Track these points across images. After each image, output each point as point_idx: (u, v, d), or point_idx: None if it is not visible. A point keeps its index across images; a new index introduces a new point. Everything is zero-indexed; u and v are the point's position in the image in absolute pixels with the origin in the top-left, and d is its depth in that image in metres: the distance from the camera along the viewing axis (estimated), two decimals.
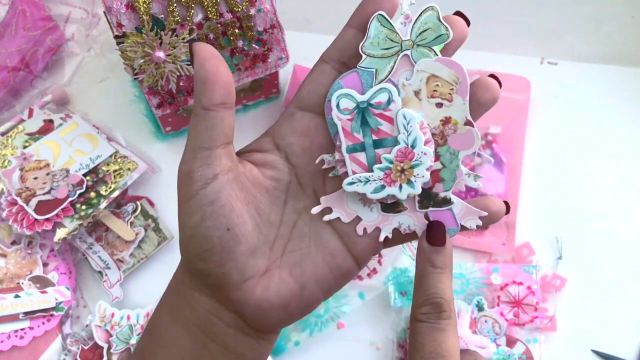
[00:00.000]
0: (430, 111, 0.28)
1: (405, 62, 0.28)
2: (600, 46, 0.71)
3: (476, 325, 0.54)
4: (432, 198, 0.30)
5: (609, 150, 0.66)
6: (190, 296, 0.30)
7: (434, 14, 0.28)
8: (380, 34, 0.28)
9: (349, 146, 0.29)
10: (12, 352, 0.54)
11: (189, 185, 0.28)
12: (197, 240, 0.28)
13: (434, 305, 0.28)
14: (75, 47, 0.69)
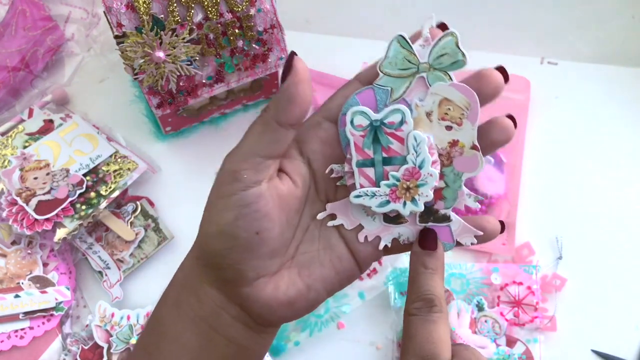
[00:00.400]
0: (440, 132, 0.30)
1: (421, 83, 0.29)
2: (600, 46, 0.71)
3: (476, 325, 0.54)
4: (433, 214, 0.31)
5: (609, 150, 0.66)
6: (200, 289, 0.31)
7: (453, 40, 0.29)
8: (399, 54, 0.29)
9: (359, 161, 0.30)
10: (12, 352, 0.54)
11: (231, 184, 0.28)
12: (225, 236, 0.29)
13: (426, 301, 0.29)
14: (75, 47, 0.69)
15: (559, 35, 0.72)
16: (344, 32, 0.71)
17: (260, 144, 0.29)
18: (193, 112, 0.61)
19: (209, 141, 0.65)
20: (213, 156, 0.65)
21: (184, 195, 0.63)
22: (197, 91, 0.54)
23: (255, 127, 0.29)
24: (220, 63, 0.53)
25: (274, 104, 0.29)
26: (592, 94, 0.69)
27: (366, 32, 0.71)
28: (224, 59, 0.53)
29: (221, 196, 0.29)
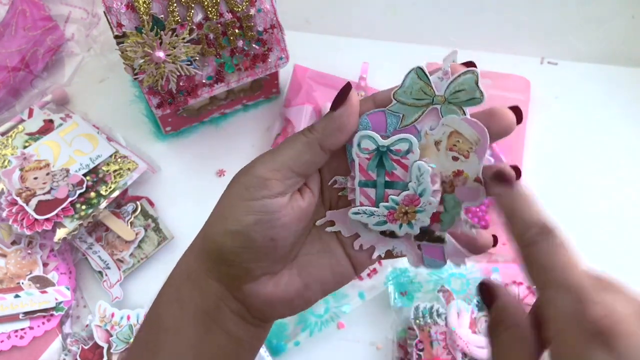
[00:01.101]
0: (446, 161, 0.30)
1: (433, 114, 0.30)
2: (600, 46, 0.71)
3: (476, 325, 0.54)
4: (429, 234, 0.32)
5: (609, 150, 0.66)
6: (203, 281, 0.31)
7: (473, 78, 0.29)
8: (415, 85, 0.29)
9: (362, 181, 0.31)
10: (12, 352, 0.54)
11: (258, 190, 0.29)
12: (241, 237, 0.29)
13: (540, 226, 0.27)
14: (75, 47, 0.69)
15: (559, 35, 0.72)
16: (344, 32, 0.71)
17: (298, 161, 0.30)
18: (193, 112, 0.61)
19: (209, 141, 0.65)
20: (213, 156, 0.65)
21: (184, 195, 0.63)
22: (197, 91, 0.54)
23: (297, 144, 0.30)
24: (220, 63, 0.53)
25: (322, 128, 0.30)
26: (592, 94, 0.69)
27: (366, 32, 0.71)
28: (224, 59, 0.53)
29: (246, 198, 0.29)
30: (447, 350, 0.53)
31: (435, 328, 0.53)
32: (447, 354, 0.53)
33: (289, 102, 0.65)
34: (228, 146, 0.65)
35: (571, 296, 0.23)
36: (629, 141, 0.67)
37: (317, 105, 0.65)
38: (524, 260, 0.27)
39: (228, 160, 0.65)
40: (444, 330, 0.53)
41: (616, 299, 0.22)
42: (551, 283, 0.25)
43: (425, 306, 0.55)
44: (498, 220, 0.64)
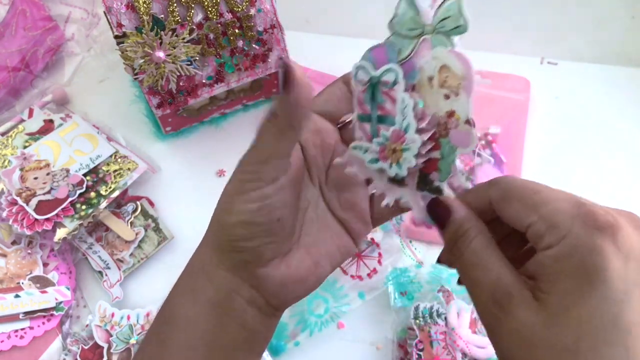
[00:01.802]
0: (439, 100, 0.28)
1: (427, 46, 0.28)
2: (600, 46, 0.71)
3: (476, 325, 0.54)
4: (428, 184, 0.30)
5: (609, 150, 0.66)
6: (215, 273, 0.32)
7: (456, 3, 0.27)
8: (407, 14, 0.28)
9: (360, 114, 0.31)
10: (12, 352, 0.54)
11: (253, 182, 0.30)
12: (247, 225, 0.30)
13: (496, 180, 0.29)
14: (76, 47, 0.69)
15: (559, 36, 0.72)
16: (344, 32, 0.71)
17: (278, 147, 0.30)
18: (193, 112, 0.61)
19: (209, 141, 0.65)
20: (213, 156, 0.65)
21: (184, 195, 0.63)
22: (197, 91, 0.54)
23: (270, 131, 0.30)
24: (220, 63, 0.53)
25: (282, 110, 0.29)
26: (592, 94, 0.69)
27: (366, 32, 0.71)
28: (224, 59, 0.53)
29: (243, 192, 0.30)
30: (447, 350, 0.53)
31: (435, 328, 0.53)
32: (447, 354, 0.53)
33: None
34: (228, 146, 0.65)
35: (572, 203, 0.25)
36: (629, 141, 0.67)
37: None
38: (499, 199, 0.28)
39: (228, 160, 0.65)
40: (444, 330, 0.53)
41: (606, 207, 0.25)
42: (546, 200, 0.26)
43: (425, 306, 0.55)
44: None
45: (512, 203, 0.27)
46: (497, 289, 0.26)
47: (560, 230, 0.25)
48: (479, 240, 0.28)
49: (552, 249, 0.25)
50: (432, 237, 0.61)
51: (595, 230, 0.24)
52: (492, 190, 0.28)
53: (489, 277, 0.27)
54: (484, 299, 0.27)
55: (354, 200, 0.35)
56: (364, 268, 0.58)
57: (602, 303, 0.23)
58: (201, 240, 0.34)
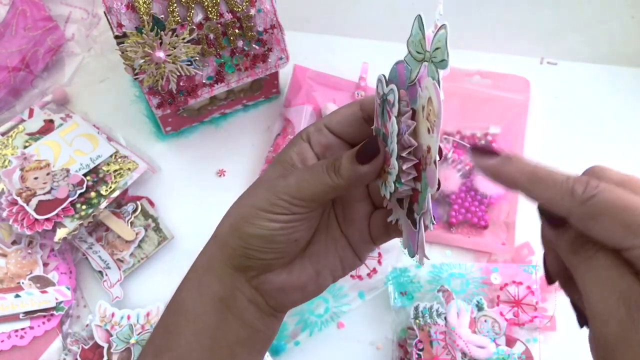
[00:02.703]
0: (424, 133, 0.27)
1: (426, 73, 0.27)
2: (600, 46, 0.71)
3: (476, 324, 0.54)
4: (410, 214, 0.30)
5: (609, 150, 0.66)
6: (221, 270, 0.33)
7: (444, 34, 0.24)
8: (417, 36, 0.27)
9: (375, 127, 0.31)
10: (12, 351, 0.54)
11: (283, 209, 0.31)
12: (267, 240, 0.31)
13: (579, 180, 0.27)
14: (76, 47, 0.69)
15: (558, 35, 0.72)
16: (344, 32, 0.71)
17: (322, 197, 0.31)
18: (193, 112, 0.61)
19: (209, 141, 0.65)
20: (213, 156, 0.65)
21: (184, 195, 0.63)
22: (197, 91, 0.54)
23: (322, 185, 0.31)
24: (221, 63, 0.53)
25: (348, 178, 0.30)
26: (591, 94, 0.69)
27: (366, 32, 0.71)
28: (224, 59, 0.53)
29: (271, 212, 0.31)
30: (447, 350, 0.53)
31: (435, 328, 0.53)
32: (446, 354, 0.53)
33: (289, 102, 0.65)
34: (228, 146, 0.65)
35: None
36: (629, 141, 0.67)
37: (317, 105, 0.65)
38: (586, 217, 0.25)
39: (228, 160, 0.65)
40: (444, 330, 0.53)
41: None
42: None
43: (425, 306, 0.55)
44: (497, 220, 0.64)
45: (603, 223, 0.24)
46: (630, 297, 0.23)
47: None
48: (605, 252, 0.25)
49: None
50: (432, 237, 0.61)
51: None
52: (574, 205, 0.25)
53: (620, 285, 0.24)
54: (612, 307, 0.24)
55: (353, 217, 0.35)
56: (363, 268, 0.58)
57: None
58: (211, 236, 0.35)
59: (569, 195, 0.25)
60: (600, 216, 0.24)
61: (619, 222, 0.24)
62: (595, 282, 0.25)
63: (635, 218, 0.23)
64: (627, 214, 0.24)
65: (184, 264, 0.64)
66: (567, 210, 0.25)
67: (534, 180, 0.27)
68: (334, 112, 0.35)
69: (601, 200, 0.24)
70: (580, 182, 0.26)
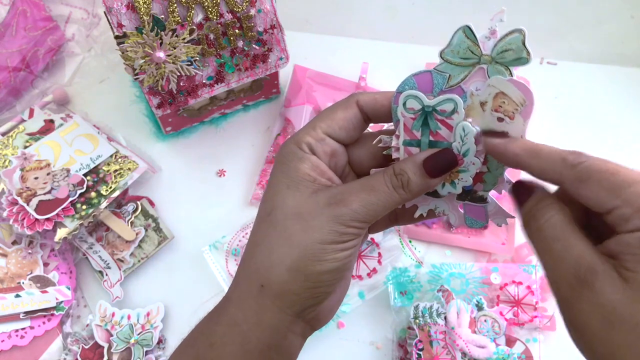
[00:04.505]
0: (491, 122, 0.31)
1: (480, 74, 0.30)
2: (599, 46, 0.71)
3: (476, 324, 0.54)
4: (471, 194, 0.33)
5: (609, 150, 0.66)
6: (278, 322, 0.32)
7: (520, 37, 0.29)
8: (462, 44, 0.30)
9: (406, 140, 0.32)
10: (12, 351, 0.54)
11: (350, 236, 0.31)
12: (339, 271, 0.31)
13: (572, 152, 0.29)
14: (76, 47, 0.69)
15: (558, 36, 0.72)
16: (344, 32, 0.71)
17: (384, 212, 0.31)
18: (193, 112, 0.61)
19: (209, 141, 0.65)
20: (213, 156, 0.65)
21: (184, 195, 0.63)
22: (198, 91, 0.54)
23: (395, 198, 0.31)
24: (221, 63, 0.53)
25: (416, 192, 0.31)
26: (591, 94, 0.69)
27: (366, 32, 0.71)
28: (224, 59, 0.53)
29: (339, 242, 0.31)
30: (447, 349, 0.53)
31: (434, 327, 0.53)
32: (446, 354, 0.53)
33: (289, 102, 0.65)
34: (228, 146, 0.65)
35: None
36: (629, 141, 0.67)
37: (317, 105, 0.65)
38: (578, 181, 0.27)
39: (228, 160, 0.65)
40: (444, 329, 0.53)
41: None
42: (626, 181, 0.26)
43: (425, 305, 0.55)
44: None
45: (590, 185, 0.27)
46: (580, 264, 0.26)
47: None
48: (560, 215, 0.28)
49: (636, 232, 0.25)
50: (432, 237, 0.61)
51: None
52: (565, 170, 0.28)
53: (572, 252, 0.26)
54: (564, 273, 0.27)
55: None
56: (364, 268, 0.58)
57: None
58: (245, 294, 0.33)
59: (562, 162, 0.28)
60: (588, 179, 0.27)
61: (604, 185, 0.26)
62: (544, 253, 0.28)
63: (618, 180, 0.26)
64: (611, 177, 0.26)
65: (184, 264, 0.64)
66: (559, 175, 0.28)
67: (533, 154, 0.30)
68: (328, 117, 0.34)
69: (589, 165, 0.27)
70: (573, 152, 0.28)
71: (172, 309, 0.58)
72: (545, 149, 0.29)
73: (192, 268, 0.60)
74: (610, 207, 0.26)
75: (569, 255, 0.27)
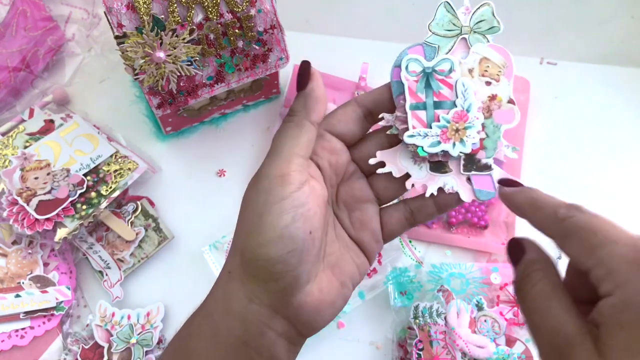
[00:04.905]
0: (480, 87, 0.34)
1: (463, 44, 0.34)
2: (600, 46, 0.71)
3: (476, 324, 0.54)
4: (475, 163, 0.34)
5: (609, 151, 0.66)
6: (246, 310, 0.30)
7: (490, 9, 0.35)
8: (445, 17, 0.34)
9: (412, 104, 0.33)
10: (12, 351, 0.54)
11: (283, 187, 0.29)
12: (284, 240, 0.29)
13: (567, 205, 0.28)
14: (76, 47, 0.69)
15: (558, 35, 0.72)
16: (344, 32, 0.71)
17: (299, 145, 0.31)
18: (193, 112, 0.61)
19: (209, 141, 0.65)
20: (213, 156, 0.65)
21: (184, 195, 0.63)
22: (198, 91, 0.54)
23: (289, 131, 0.31)
24: (221, 63, 0.53)
25: (301, 106, 0.32)
26: (591, 94, 0.69)
27: (366, 32, 0.71)
28: (224, 59, 0.53)
29: (276, 201, 0.29)
30: (447, 349, 0.53)
31: (434, 327, 0.53)
32: (446, 354, 0.53)
33: (289, 102, 0.65)
34: (228, 146, 0.65)
35: (630, 247, 0.24)
36: (629, 141, 0.67)
37: None
38: (563, 235, 0.27)
39: (228, 160, 0.65)
40: (444, 329, 0.54)
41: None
42: (603, 241, 0.25)
43: (425, 306, 0.55)
44: (497, 220, 0.64)
45: (572, 243, 0.26)
46: (555, 336, 0.25)
47: (617, 278, 0.24)
48: (542, 284, 0.27)
49: (611, 297, 0.24)
50: (431, 237, 0.61)
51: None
52: (554, 224, 0.28)
53: (548, 324, 0.26)
54: (542, 344, 0.26)
55: (364, 219, 0.35)
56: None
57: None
58: (216, 281, 0.33)
59: (554, 216, 0.28)
60: (571, 236, 0.26)
61: (584, 244, 0.25)
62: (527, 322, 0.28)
63: (596, 240, 0.25)
64: (591, 236, 0.25)
65: (184, 264, 0.64)
66: (550, 230, 0.28)
67: (534, 207, 0.30)
68: (327, 117, 0.34)
69: (575, 222, 0.26)
70: (568, 206, 0.28)
71: (172, 309, 0.58)
72: (544, 201, 0.29)
73: (192, 268, 0.60)
74: (588, 267, 0.25)
75: (546, 326, 0.26)
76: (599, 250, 0.25)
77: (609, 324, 0.23)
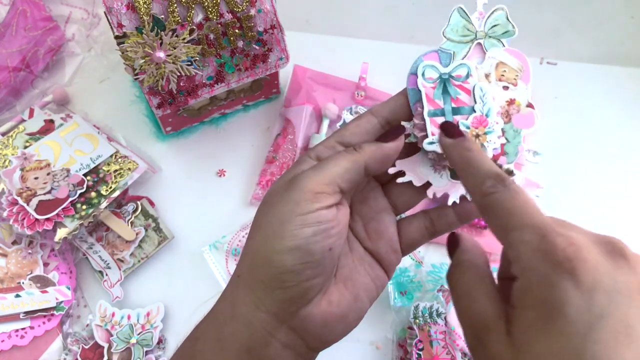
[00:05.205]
0: (498, 92, 0.33)
1: (478, 49, 0.34)
2: (600, 46, 0.71)
3: None
4: None
5: (609, 151, 0.66)
6: (252, 316, 0.30)
7: (504, 14, 0.34)
8: (459, 23, 0.34)
9: (430, 110, 0.33)
10: (12, 351, 0.54)
11: (311, 203, 0.29)
12: (301, 252, 0.29)
13: (495, 177, 0.28)
14: (76, 47, 0.69)
15: (558, 36, 0.72)
16: (344, 32, 0.71)
17: (343, 177, 0.30)
18: (193, 112, 0.61)
19: (209, 141, 0.65)
20: (213, 156, 0.65)
21: (184, 195, 0.63)
22: (198, 91, 0.54)
23: (343, 161, 0.31)
24: (221, 63, 0.53)
25: (371, 152, 0.31)
26: (591, 94, 0.69)
27: (366, 32, 0.71)
28: (224, 59, 0.53)
29: (300, 212, 0.29)
30: (447, 349, 0.53)
31: (434, 327, 0.53)
32: (446, 354, 0.53)
33: (289, 102, 0.65)
34: (228, 146, 0.65)
35: (536, 232, 0.25)
36: (629, 141, 0.67)
37: (317, 105, 0.65)
38: (484, 210, 0.28)
39: (228, 161, 0.65)
40: (444, 329, 0.54)
41: (574, 232, 0.25)
42: (515, 225, 0.26)
43: (425, 306, 0.55)
44: None
45: (491, 221, 0.27)
46: (477, 321, 0.26)
47: (522, 263, 0.25)
48: (470, 273, 0.29)
49: (517, 281, 0.25)
50: None
51: (553, 266, 0.23)
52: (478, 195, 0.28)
53: (471, 310, 0.27)
54: (466, 330, 0.27)
55: (380, 229, 0.34)
56: None
57: (562, 338, 0.22)
58: (227, 284, 0.32)
59: (480, 187, 0.28)
60: (490, 214, 0.27)
61: (500, 223, 0.26)
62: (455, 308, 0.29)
63: (509, 222, 0.26)
64: (505, 218, 0.26)
65: (184, 264, 0.64)
66: (475, 201, 0.29)
67: (465, 170, 0.30)
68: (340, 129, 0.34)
69: (495, 199, 0.27)
70: (496, 176, 0.28)
71: (172, 309, 0.58)
72: (476, 165, 0.29)
73: (192, 268, 0.60)
74: (504, 246, 0.26)
75: (470, 312, 0.27)
76: (511, 233, 0.26)
77: (517, 305, 0.25)
